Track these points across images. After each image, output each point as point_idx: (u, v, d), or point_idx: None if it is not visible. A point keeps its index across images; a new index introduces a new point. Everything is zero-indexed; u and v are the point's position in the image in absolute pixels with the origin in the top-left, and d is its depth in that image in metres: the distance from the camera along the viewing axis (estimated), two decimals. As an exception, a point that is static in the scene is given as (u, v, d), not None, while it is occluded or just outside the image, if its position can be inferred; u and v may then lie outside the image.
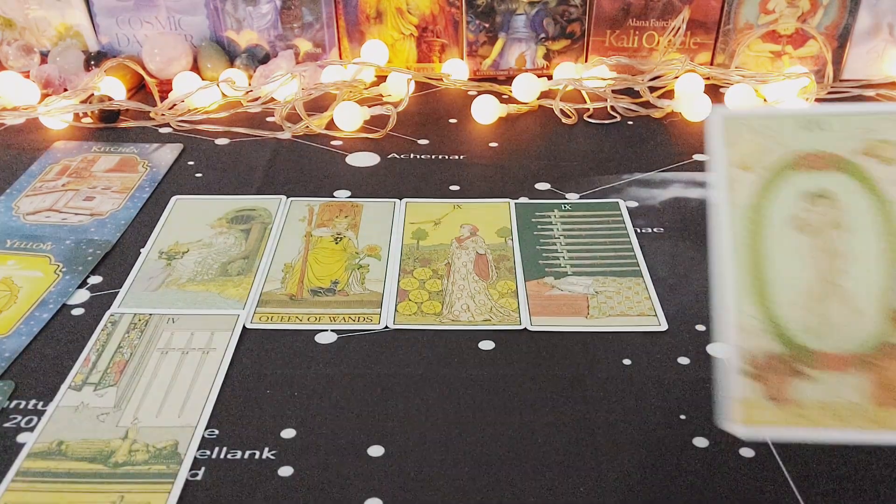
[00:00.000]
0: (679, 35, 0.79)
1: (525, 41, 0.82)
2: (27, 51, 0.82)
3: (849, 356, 0.28)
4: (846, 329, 0.28)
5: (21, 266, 0.53)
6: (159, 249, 0.55)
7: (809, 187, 0.30)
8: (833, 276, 0.29)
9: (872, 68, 0.81)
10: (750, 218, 0.30)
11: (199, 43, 0.83)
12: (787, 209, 0.30)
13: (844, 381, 0.28)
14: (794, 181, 0.30)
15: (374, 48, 0.81)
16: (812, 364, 0.28)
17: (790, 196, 0.30)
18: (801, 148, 0.30)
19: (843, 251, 0.29)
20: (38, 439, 0.40)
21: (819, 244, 0.29)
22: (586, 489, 0.37)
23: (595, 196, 0.61)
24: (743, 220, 0.30)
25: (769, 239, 0.30)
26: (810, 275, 0.29)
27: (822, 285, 0.29)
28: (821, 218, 0.30)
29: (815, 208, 0.30)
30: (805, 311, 0.29)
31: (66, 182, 0.64)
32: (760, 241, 0.30)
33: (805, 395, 0.28)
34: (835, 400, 0.28)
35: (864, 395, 0.28)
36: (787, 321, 0.29)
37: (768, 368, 0.29)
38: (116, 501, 0.37)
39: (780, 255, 0.29)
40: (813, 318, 0.29)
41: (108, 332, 0.47)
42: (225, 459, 0.39)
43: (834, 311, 0.29)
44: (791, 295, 0.29)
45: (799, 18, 0.78)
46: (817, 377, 0.28)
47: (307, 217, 0.59)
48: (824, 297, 0.29)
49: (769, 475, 0.38)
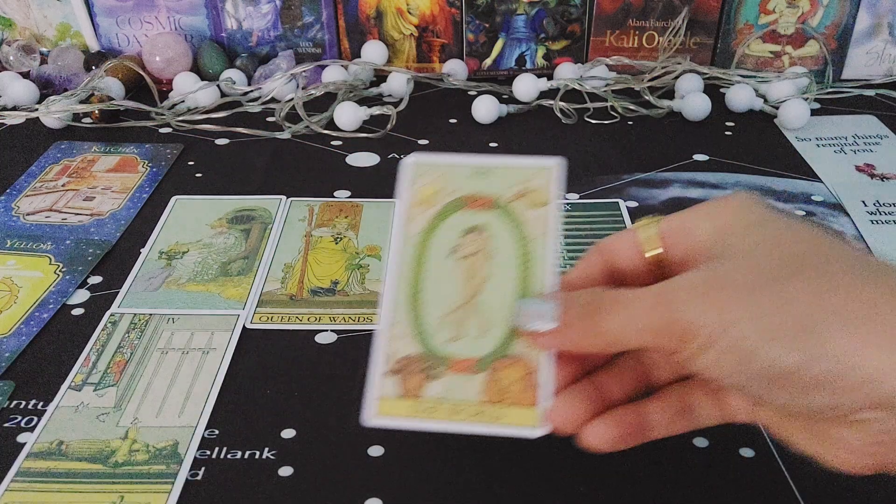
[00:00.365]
0: (679, 35, 0.79)
1: (525, 41, 0.82)
2: (27, 51, 0.82)
3: (474, 360, 0.33)
4: (477, 339, 0.34)
5: (21, 266, 0.53)
6: (159, 249, 0.55)
7: (470, 222, 0.36)
8: (474, 295, 0.34)
9: (872, 68, 0.81)
10: (417, 246, 0.36)
11: (199, 43, 0.83)
12: (449, 239, 0.36)
13: (466, 382, 0.33)
14: (459, 217, 0.36)
15: (374, 48, 0.81)
16: (444, 366, 0.33)
17: (453, 229, 0.36)
18: (469, 191, 0.36)
19: (485, 275, 0.35)
20: (38, 439, 0.40)
21: (468, 269, 0.35)
22: (586, 489, 0.37)
23: (595, 196, 0.62)
24: (411, 247, 0.36)
25: (429, 263, 0.35)
26: (457, 294, 0.34)
27: (465, 302, 0.34)
28: (473, 247, 0.35)
29: (471, 239, 0.36)
30: (448, 323, 0.34)
31: (66, 182, 0.64)
32: (422, 265, 0.35)
33: (433, 392, 0.33)
34: (455, 397, 0.33)
35: (479, 393, 0.33)
36: (432, 331, 0.34)
37: (408, 369, 0.33)
38: (116, 501, 0.37)
39: (436, 276, 0.35)
40: (453, 329, 0.34)
41: (108, 332, 0.47)
42: (225, 459, 0.39)
43: (471, 323, 0.34)
44: (439, 309, 0.34)
45: (799, 18, 0.79)
46: (446, 377, 0.33)
47: (307, 217, 0.59)
48: (465, 312, 0.34)
49: (769, 475, 0.38)
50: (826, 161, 0.67)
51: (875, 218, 0.58)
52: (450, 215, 0.36)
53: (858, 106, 0.77)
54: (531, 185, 0.36)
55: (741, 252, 0.29)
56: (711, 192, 0.62)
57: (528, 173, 0.37)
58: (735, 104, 0.75)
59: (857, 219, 0.58)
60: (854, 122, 0.73)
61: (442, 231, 0.36)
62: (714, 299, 0.28)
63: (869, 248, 0.55)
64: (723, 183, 0.63)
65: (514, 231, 0.36)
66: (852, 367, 0.25)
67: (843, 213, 0.59)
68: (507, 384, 0.33)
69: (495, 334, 0.34)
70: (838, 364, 0.25)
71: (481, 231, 0.36)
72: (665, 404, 0.34)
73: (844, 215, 0.59)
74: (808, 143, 0.70)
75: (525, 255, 0.35)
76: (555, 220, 0.35)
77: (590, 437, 0.32)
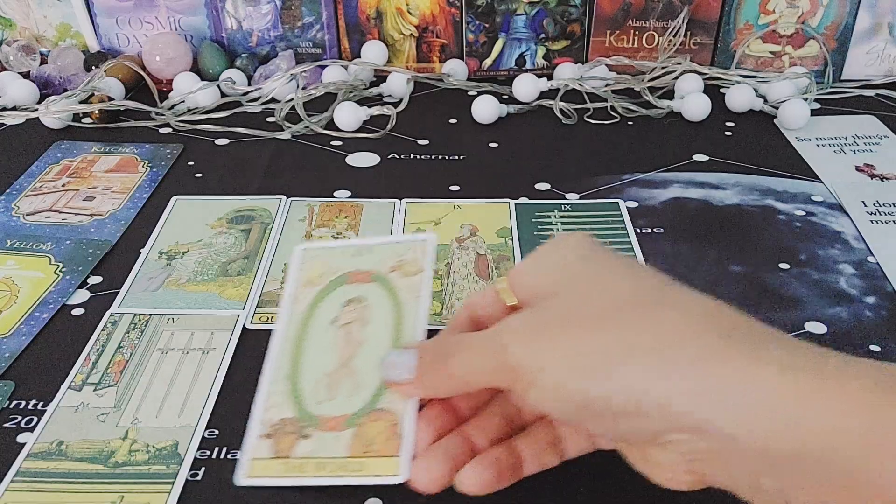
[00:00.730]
0: (679, 35, 0.79)
1: (525, 41, 0.82)
2: (27, 51, 0.82)
3: (344, 418, 0.35)
4: (349, 398, 0.35)
5: (21, 266, 0.53)
6: (159, 249, 0.55)
7: (350, 295, 0.39)
8: (349, 359, 0.37)
9: (872, 68, 0.81)
10: (301, 320, 0.39)
11: (199, 43, 0.83)
12: (330, 311, 0.39)
13: (335, 439, 0.35)
14: (341, 291, 0.39)
15: (374, 48, 0.81)
16: (315, 426, 0.35)
17: (335, 301, 0.39)
18: (351, 268, 0.40)
19: (361, 340, 0.37)
20: (38, 439, 0.40)
21: (345, 336, 0.38)
22: (586, 489, 0.37)
23: (595, 196, 0.62)
24: (295, 322, 0.39)
25: (311, 334, 0.38)
26: (334, 360, 0.37)
27: (340, 366, 0.37)
28: (351, 316, 0.38)
29: (350, 309, 0.39)
30: (323, 386, 0.36)
31: (66, 182, 0.64)
32: (304, 336, 0.38)
33: (303, 451, 0.34)
34: (322, 454, 0.34)
35: (346, 448, 0.34)
36: (307, 395, 0.36)
37: (281, 431, 0.35)
38: (116, 501, 0.37)
39: (316, 346, 0.38)
40: (327, 391, 0.36)
41: (108, 332, 0.47)
42: (225, 459, 0.39)
43: (344, 385, 0.36)
44: (316, 374, 0.37)
45: (799, 18, 0.79)
46: (316, 436, 0.35)
47: (307, 217, 0.59)
48: (340, 374, 0.36)
49: (769, 475, 0.38)
50: (826, 161, 0.67)
51: (875, 218, 0.58)
52: (333, 290, 0.40)
53: (858, 106, 0.77)
54: (406, 258, 0.40)
55: (564, 292, 0.32)
56: (711, 192, 0.62)
57: (403, 248, 0.41)
58: (735, 104, 0.75)
59: (857, 219, 0.58)
60: (854, 122, 0.73)
61: (325, 304, 0.40)
62: (531, 340, 0.31)
63: (869, 248, 0.55)
64: (723, 183, 0.63)
65: (389, 298, 0.39)
66: (645, 395, 0.28)
67: (843, 213, 0.59)
68: (372, 436, 0.34)
69: (366, 392, 0.36)
70: (633, 393, 0.28)
71: (360, 301, 0.39)
72: (534, 439, 0.35)
73: (844, 215, 0.59)
74: (808, 143, 0.70)
75: (398, 318, 0.38)
76: (427, 286, 0.38)
77: (464, 483, 0.33)
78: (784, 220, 0.58)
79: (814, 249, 0.55)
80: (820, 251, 0.55)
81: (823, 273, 0.52)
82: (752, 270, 0.53)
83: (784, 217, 0.59)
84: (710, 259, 0.54)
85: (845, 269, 0.53)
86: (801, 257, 0.54)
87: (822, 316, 0.48)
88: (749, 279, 0.52)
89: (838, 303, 0.49)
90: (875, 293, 0.50)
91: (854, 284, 0.51)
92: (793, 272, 0.52)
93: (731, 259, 0.54)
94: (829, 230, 0.57)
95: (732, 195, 0.62)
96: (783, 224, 0.58)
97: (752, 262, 0.54)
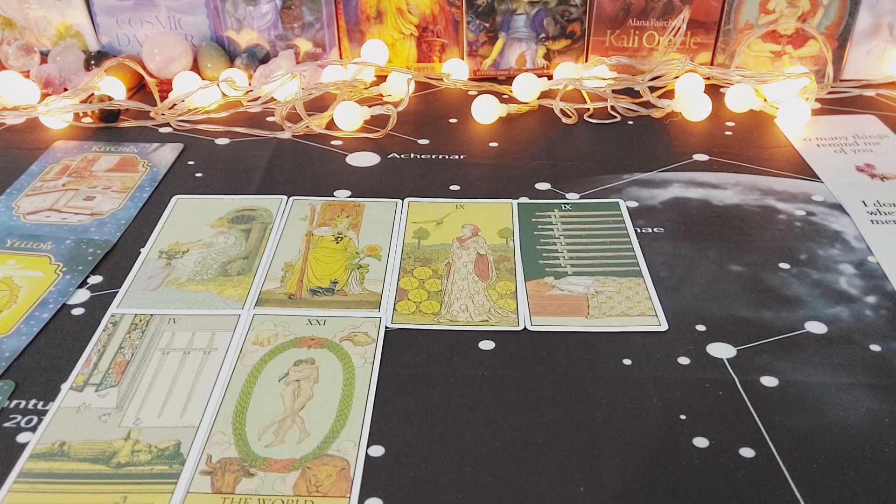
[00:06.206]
0: (679, 35, 0.79)
1: (525, 41, 0.82)
2: (27, 50, 0.82)
3: (290, 461, 0.38)
4: (297, 444, 0.39)
5: (21, 266, 0.53)
6: (159, 249, 0.55)
7: (301, 356, 0.45)
8: (298, 410, 0.41)
9: (872, 68, 0.81)
10: (250, 373, 0.44)
11: (199, 43, 0.83)
12: (280, 368, 0.44)
13: (280, 479, 0.38)
14: (292, 352, 0.45)
15: (374, 48, 0.81)
16: (261, 467, 0.38)
17: (286, 361, 0.45)
18: (304, 335, 0.47)
19: (310, 395, 0.42)
20: (40, 440, 0.40)
21: (294, 391, 0.43)
22: (586, 489, 0.37)
23: (595, 196, 0.62)
24: (243, 374, 0.44)
25: (259, 387, 0.43)
26: (281, 410, 0.41)
27: (288, 416, 0.41)
28: (301, 375, 0.44)
29: (300, 369, 0.44)
30: (268, 432, 0.40)
31: (66, 182, 0.64)
32: (252, 387, 0.43)
33: (246, 488, 0.37)
34: (266, 492, 0.37)
35: (292, 487, 0.37)
36: (253, 439, 0.40)
37: (223, 469, 0.38)
38: (119, 502, 0.37)
39: (264, 397, 0.42)
40: (274, 437, 0.40)
41: (110, 332, 0.47)
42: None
43: (291, 432, 0.40)
44: (262, 422, 0.41)
45: (799, 18, 0.79)
46: (261, 476, 0.38)
47: (309, 216, 0.59)
48: (287, 424, 0.41)
49: (769, 475, 0.38)
50: (826, 161, 0.67)
51: (875, 218, 0.58)
52: (284, 351, 0.45)
53: (858, 106, 0.77)
54: (359, 330, 0.47)
55: None
56: (711, 192, 0.62)
57: (357, 322, 0.47)
58: (735, 104, 0.75)
59: (857, 219, 0.58)
60: (854, 122, 0.73)
61: (275, 362, 0.44)
62: None
63: (869, 247, 0.55)
64: (723, 183, 0.63)
65: (340, 362, 0.44)
66: None
67: (843, 213, 0.59)
68: (321, 479, 0.37)
69: (313, 440, 0.39)
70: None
71: (311, 362, 0.44)
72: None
73: (844, 215, 0.59)
74: (808, 143, 0.70)
75: (349, 378, 0.43)
76: (378, 352, 0.45)
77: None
78: (784, 220, 0.58)
79: (814, 249, 0.55)
80: (820, 251, 0.55)
81: (824, 273, 0.52)
82: (752, 270, 0.53)
83: (784, 217, 0.59)
84: (710, 259, 0.54)
85: (845, 268, 0.53)
86: (802, 257, 0.54)
87: (823, 316, 0.48)
88: (749, 279, 0.52)
89: (838, 302, 0.50)
90: (875, 293, 0.50)
91: (854, 284, 0.51)
92: (793, 272, 0.53)
93: (731, 259, 0.54)
94: (829, 230, 0.57)
95: (732, 195, 0.62)
96: (783, 224, 0.58)
97: (752, 261, 0.54)
